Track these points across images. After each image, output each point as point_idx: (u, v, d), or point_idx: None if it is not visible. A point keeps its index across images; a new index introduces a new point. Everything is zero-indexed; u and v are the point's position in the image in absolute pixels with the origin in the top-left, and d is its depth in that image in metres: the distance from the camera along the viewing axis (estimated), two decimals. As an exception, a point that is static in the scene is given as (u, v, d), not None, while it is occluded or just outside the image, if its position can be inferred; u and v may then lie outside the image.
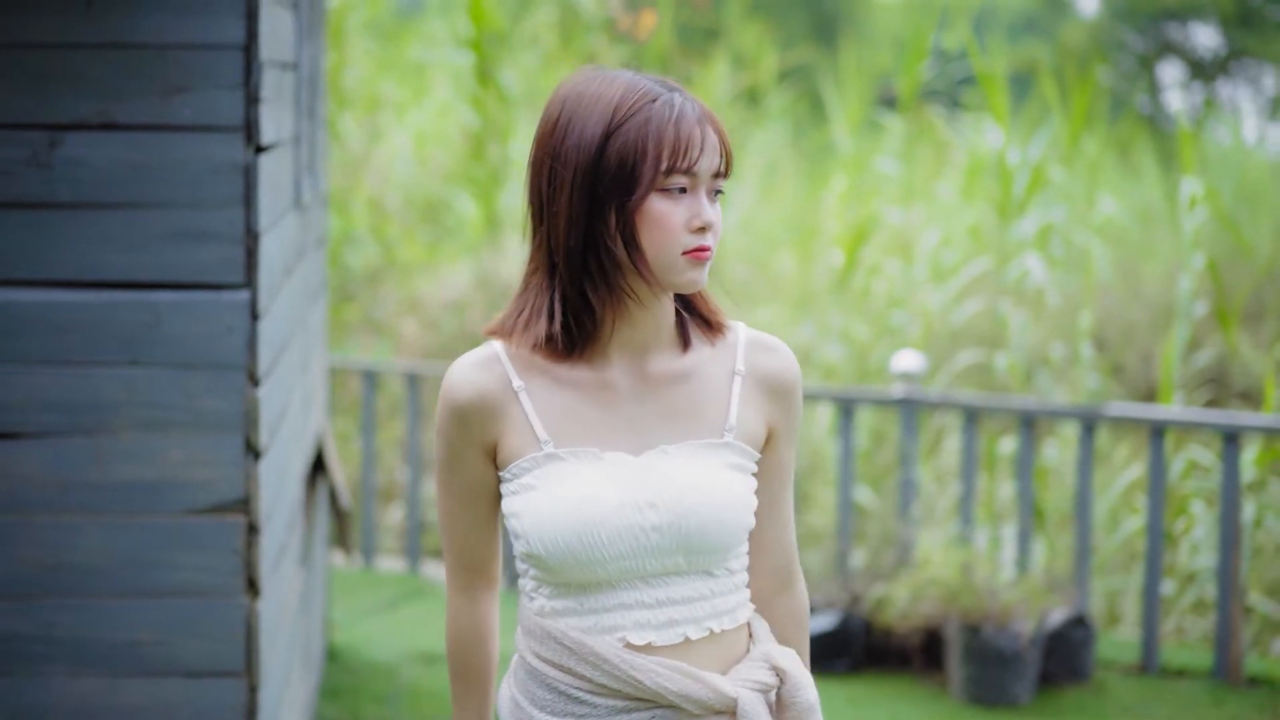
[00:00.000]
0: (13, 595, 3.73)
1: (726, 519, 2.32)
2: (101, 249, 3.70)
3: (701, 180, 2.30)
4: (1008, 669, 6.18)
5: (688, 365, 2.38)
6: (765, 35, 14.11)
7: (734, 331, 2.43)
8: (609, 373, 2.36)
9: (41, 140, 3.66)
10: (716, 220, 2.30)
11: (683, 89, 2.33)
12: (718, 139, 2.30)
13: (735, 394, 2.38)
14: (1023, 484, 6.84)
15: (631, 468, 2.32)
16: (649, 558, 2.31)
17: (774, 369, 2.42)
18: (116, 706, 3.78)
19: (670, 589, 2.33)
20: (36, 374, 3.71)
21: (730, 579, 2.38)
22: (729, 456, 2.35)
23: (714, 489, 2.32)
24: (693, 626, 2.35)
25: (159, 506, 3.76)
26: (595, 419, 2.34)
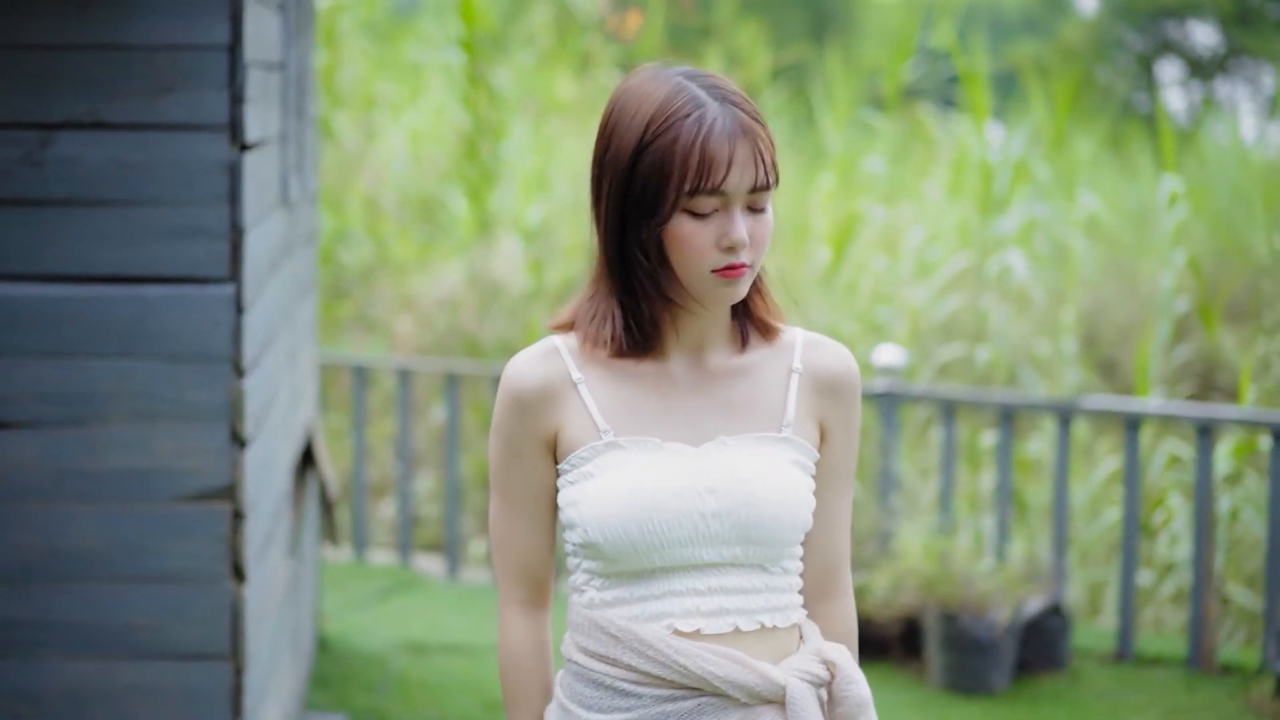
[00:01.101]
0: (8, 580, 3.85)
1: (783, 512, 2.31)
2: (93, 245, 3.82)
3: (734, 198, 2.25)
4: (984, 657, 6.30)
5: (746, 362, 2.38)
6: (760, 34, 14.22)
7: (791, 332, 2.41)
8: (668, 366, 2.37)
9: (35, 139, 3.78)
10: (757, 234, 2.27)
11: (729, 92, 2.26)
12: (753, 153, 2.24)
13: (793, 391, 2.37)
14: (1001, 476, 6.96)
15: (691, 456, 2.32)
16: (707, 546, 2.30)
17: (830, 367, 2.40)
18: (108, 688, 3.90)
19: (724, 578, 2.32)
20: (30, 366, 3.83)
21: (785, 578, 2.37)
22: (788, 452, 2.35)
23: (773, 481, 2.31)
24: (743, 618, 2.33)
25: (149, 494, 3.88)
26: (654, 410, 2.35)
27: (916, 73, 10.51)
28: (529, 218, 9.77)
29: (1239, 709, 6.19)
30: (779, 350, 2.39)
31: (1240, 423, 6.56)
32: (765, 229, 2.28)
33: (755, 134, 2.25)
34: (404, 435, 8.27)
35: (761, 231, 2.27)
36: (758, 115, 2.27)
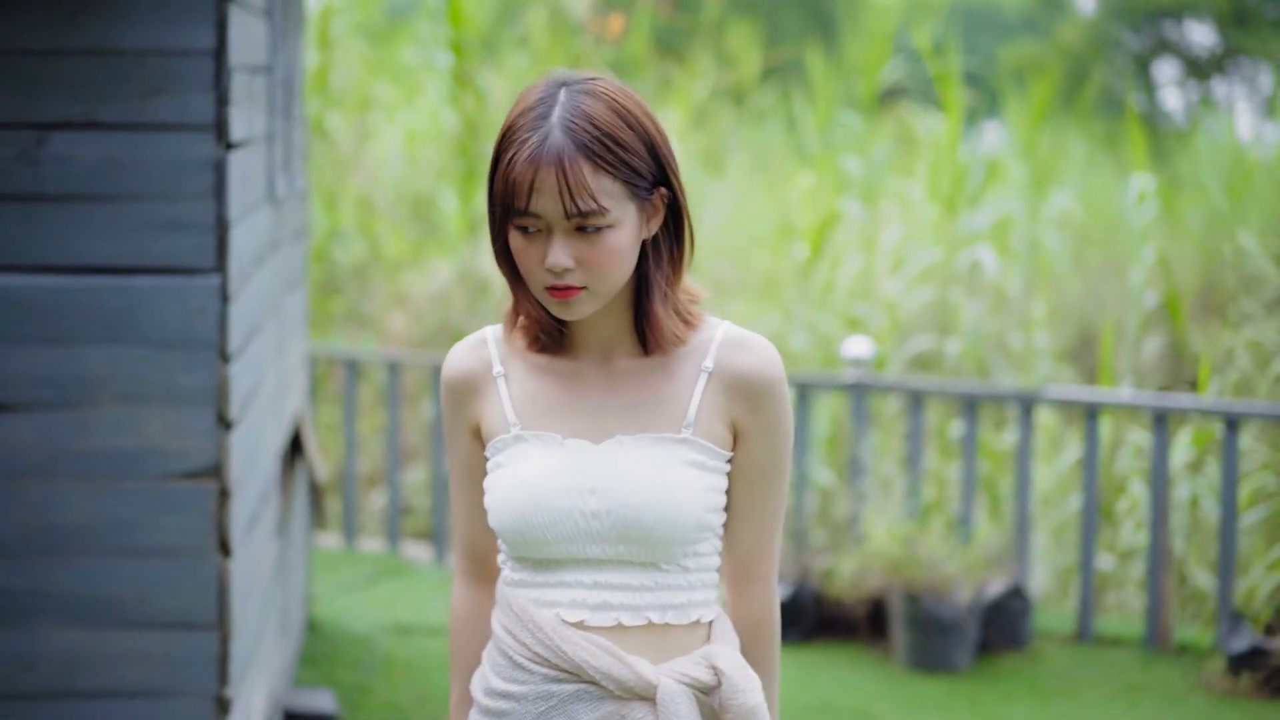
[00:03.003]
0: (4, 554, 4.08)
1: (666, 513, 2.32)
2: (86, 238, 4.05)
3: (553, 222, 2.28)
4: (947, 636, 6.55)
5: (655, 361, 2.39)
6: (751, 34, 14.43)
7: (711, 330, 2.40)
8: (580, 364, 2.41)
9: (30, 138, 4.02)
10: (588, 257, 2.28)
11: (573, 115, 2.27)
12: (559, 182, 2.25)
13: (698, 390, 2.37)
14: (966, 463, 7.21)
15: (586, 454, 2.35)
16: (590, 543, 2.34)
17: (744, 367, 2.37)
18: (100, 656, 4.13)
19: (609, 575, 2.36)
20: (26, 352, 4.06)
21: (684, 576, 2.38)
22: (686, 452, 2.35)
23: (660, 482, 2.32)
24: (628, 613, 2.36)
25: (138, 473, 4.11)
26: (562, 406, 2.40)
27: (900, 73, 10.74)
28: (518, 217, 9.99)
29: (1191, 686, 6.44)
30: (693, 349, 2.39)
31: (1195, 411, 6.80)
32: (600, 252, 2.28)
33: (568, 163, 2.25)
34: (393, 427, 8.51)
35: (594, 255, 2.28)
36: (592, 143, 2.26)
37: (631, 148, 2.29)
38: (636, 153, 2.30)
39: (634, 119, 2.31)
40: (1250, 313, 8.29)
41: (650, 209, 2.35)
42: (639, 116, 2.32)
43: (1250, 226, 9.17)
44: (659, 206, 2.36)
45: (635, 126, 2.31)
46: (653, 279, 2.37)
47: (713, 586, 2.43)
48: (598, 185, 2.26)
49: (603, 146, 2.26)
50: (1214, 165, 10.76)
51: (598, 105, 2.29)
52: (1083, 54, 20.69)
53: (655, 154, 2.33)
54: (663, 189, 2.35)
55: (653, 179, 2.33)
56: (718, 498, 2.38)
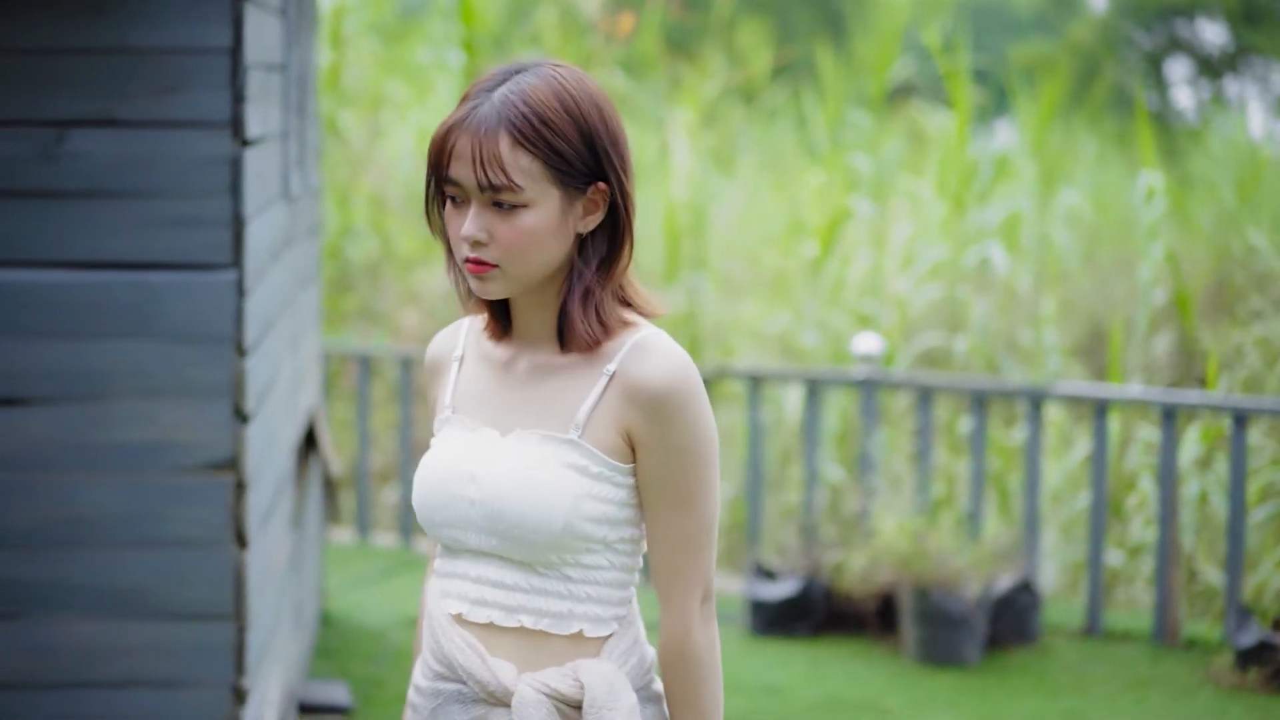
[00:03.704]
0: (25, 545, 4.14)
1: (531, 513, 2.27)
2: (104, 234, 4.11)
3: (470, 192, 2.27)
4: (956, 631, 6.59)
5: (572, 359, 2.33)
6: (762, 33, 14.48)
7: (630, 334, 2.32)
8: (514, 353, 2.38)
9: (49, 136, 4.07)
10: (500, 234, 2.26)
11: (510, 93, 2.25)
12: (475, 151, 2.24)
13: (594, 394, 2.30)
14: (975, 458, 7.25)
15: (484, 444, 2.34)
16: (471, 531, 2.32)
17: (641, 376, 2.28)
18: (118, 646, 4.19)
19: (488, 569, 2.33)
20: (45, 346, 4.12)
21: (564, 584, 2.31)
22: (568, 454, 2.29)
23: (532, 480, 2.28)
24: (500, 613, 2.32)
25: (156, 465, 4.17)
26: (489, 396, 2.38)
27: (909, 70, 10.79)
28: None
29: (1199, 680, 6.48)
30: (607, 352, 2.31)
31: (1204, 408, 6.84)
32: (512, 230, 2.25)
33: (485, 133, 2.23)
34: (406, 423, 8.57)
35: (506, 232, 2.25)
36: (517, 119, 2.23)
37: (561, 132, 2.25)
38: (566, 138, 2.25)
39: (575, 106, 2.27)
40: (1260, 310, 8.33)
41: (585, 203, 2.30)
42: (583, 105, 2.27)
43: (1260, 224, 9.21)
44: (597, 203, 2.31)
45: (573, 112, 2.26)
46: (576, 276, 2.31)
47: (610, 602, 2.34)
48: (513, 161, 2.23)
49: (528, 124, 2.23)
50: (1225, 163, 10.80)
51: (540, 86, 2.26)
52: (1094, 52, 20.69)
53: (593, 146, 2.28)
54: (601, 185, 2.30)
55: (587, 170, 2.28)
56: (604, 508, 2.29)
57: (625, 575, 2.36)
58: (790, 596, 7.04)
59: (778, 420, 9.01)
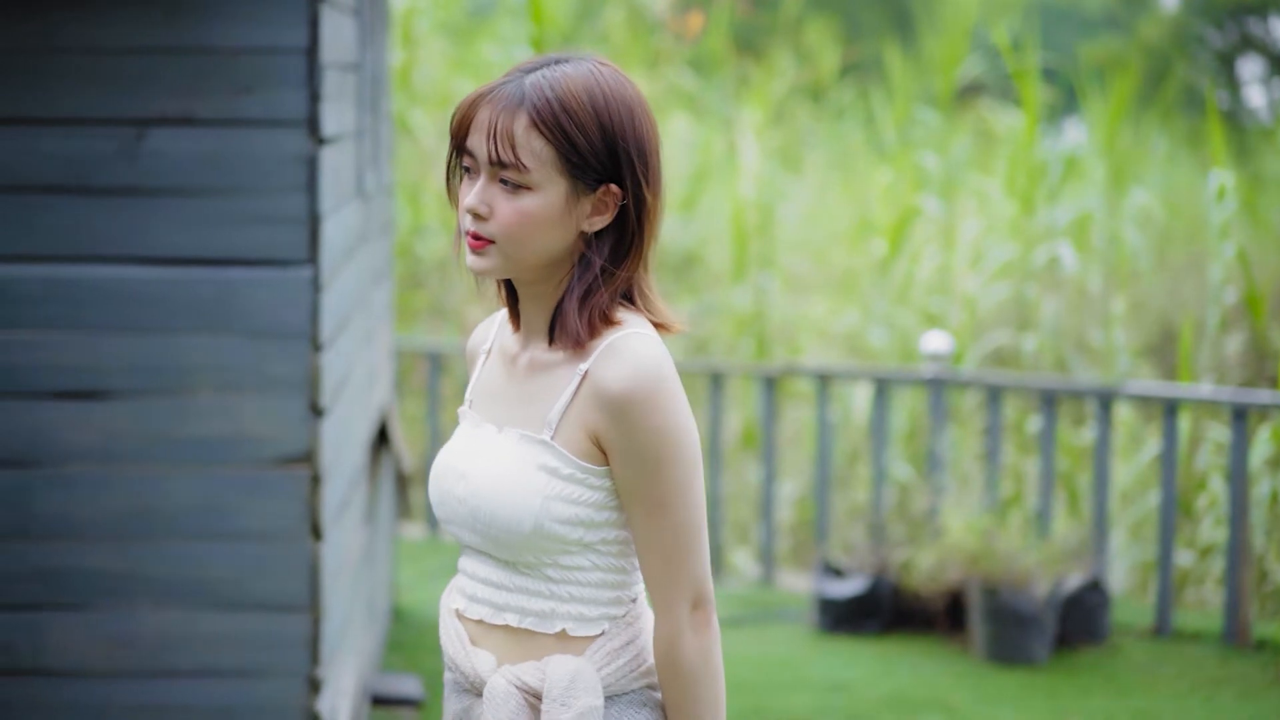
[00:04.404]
0: (104, 536, 4.22)
1: (502, 513, 2.27)
2: (183, 230, 4.18)
3: (481, 164, 2.26)
4: (1025, 629, 6.59)
5: (553, 357, 2.31)
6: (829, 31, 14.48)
7: (614, 331, 2.28)
8: (521, 349, 2.37)
9: (129, 134, 4.15)
10: (501, 212, 2.25)
11: (542, 80, 2.25)
12: (491, 124, 2.24)
13: (567, 393, 2.27)
14: (1044, 457, 7.25)
15: (480, 440, 2.35)
16: (462, 528, 2.34)
17: (605, 379, 2.24)
18: (195, 636, 4.26)
19: (480, 566, 2.35)
20: (125, 341, 4.19)
21: (545, 584, 2.31)
22: (542, 455, 2.27)
23: (498, 480, 2.28)
24: (489, 610, 2.34)
25: (233, 459, 4.23)
26: (496, 391, 2.38)
27: (978, 69, 10.77)
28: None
29: (1269, 681, 6.45)
30: (587, 350, 2.28)
31: (1275, 407, 6.80)
32: (512, 209, 2.24)
33: (505, 109, 2.23)
34: (476, 419, 8.62)
35: (506, 210, 2.24)
36: (540, 102, 2.23)
37: (581, 124, 2.23)
38: (585, 131, 2.23)
39: (603, 103, 2.25)
40: (1331, 309, 8.28)
41: (595, 201, 2.27)
42: (612, 104, 2.25)
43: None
44: (607, 204, 2.28)
45: (599, 108, 2.24)
46: (578, 274, 2.29)
47: (598, 603, 2.32)
48: (526, 141, 2.22)
49: (549, 108, 2.22)
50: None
51: (575, 76, 2.25)
52: (1165, 50, 20.56)
53: (612, 146, 2.25)
54: (614, 187, 2.27)
55: (600, 169, 2.25)
56: (575, 510, 2.27)
57: (616, 576, 2.33)
58: (858, 594, 7.06)
59: (846, 419, 9.03)
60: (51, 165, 4.13)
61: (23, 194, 4.14)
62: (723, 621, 7.43)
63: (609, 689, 2.31)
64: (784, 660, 6.82)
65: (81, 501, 4.20)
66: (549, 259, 2.28)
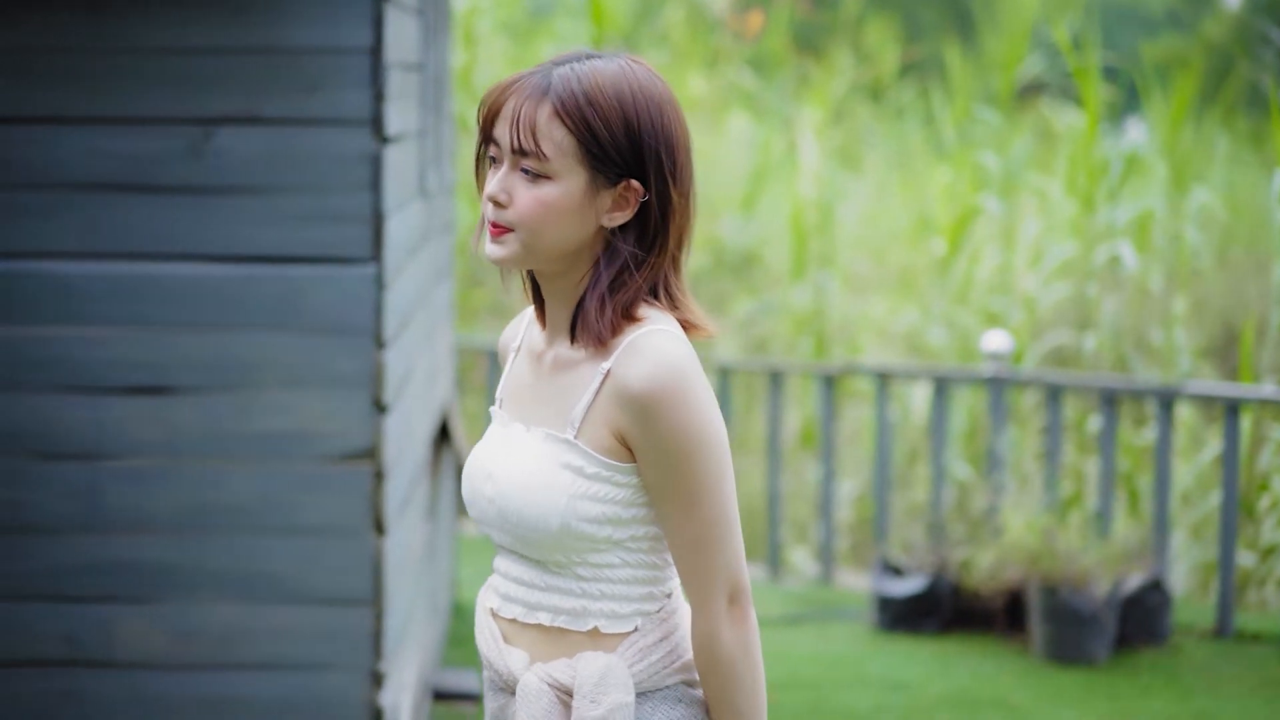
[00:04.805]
0: (170, 530, 4.27)
1: (529, 512, 2.27)
2: (248, 228, 4.23)
3: (505, 153, 2.26)
4: (1084, 629, 6.58)
5: (581, 355, 2.30)
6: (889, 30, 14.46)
7: (636, 329, 2.27)
8: (546, 348, 2.37)
9: (197, 133, 4.20)
10: (521, 200, 2.24)
11: (572, 72, 2.25)
12: (516, 112, 2.24)
13: (589, 392, 2.27)
14: (1105, 456, 7.22)
15: (506, 440, 2.35)
16: (493, 528, 2.34)
17: (627, 377, 2.23)
18: (259, 629, 4.31)
19: (513, 565, 2.35)
20: (190, 337, 4.24)
21: (576, 582, 2.30)
22: (565, 454, 2.27)
23: (523, 479, 2.28)
24: (522, 609, 2.33)
25: (297, 454, 4.28)
26: (523, 389, 2.38)
27: (1038, 68, 10.74)
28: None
29: (1332, 682, 6.43)
30: (609, 348, 2.27)
31: (1339, 407, 6.77)
32: (531, 199, 2.24)
33: (529, 98, 2.24)
34: (535, 417, 8.66)
35: (525, 199, 2.24)
36: (566, 94, 2.23)
37: (604, 115, 2.23)
38: (607, 123, 2.23)
39: (630, 97, 2.25)
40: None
41: (616, 196, 2.27)
42: (639, 100, 2.25)
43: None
44: (629, 199, 2.27)
45: (625, 102, 2.24)
46: (600, 272, 2.28)
47: (630, 599, 2.31)
48: (547, 130, 2.22)
49: (573, 99, 2.22)
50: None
51: (604, 70, 2.26)
52: (1227, 49, 20.42)
53: (636, 141, 2.25)
54: (635, 183, 2.26)
55: (622, 163, 2.24)
56: (602, 508, 2.26)
57: (648, 572, 2.33)
58: (917, 593, 7.06)
59: (905, 418, 9.02)
60: (120, 164, 4.19)
61: (91, 193, 4.20)
62: (781, 619, 7.45)
63: (641, 685, 2.31)
64: (843, 658, 6.83)
65: (148, 496, 4.25)
66: (567, 250, 2.28)
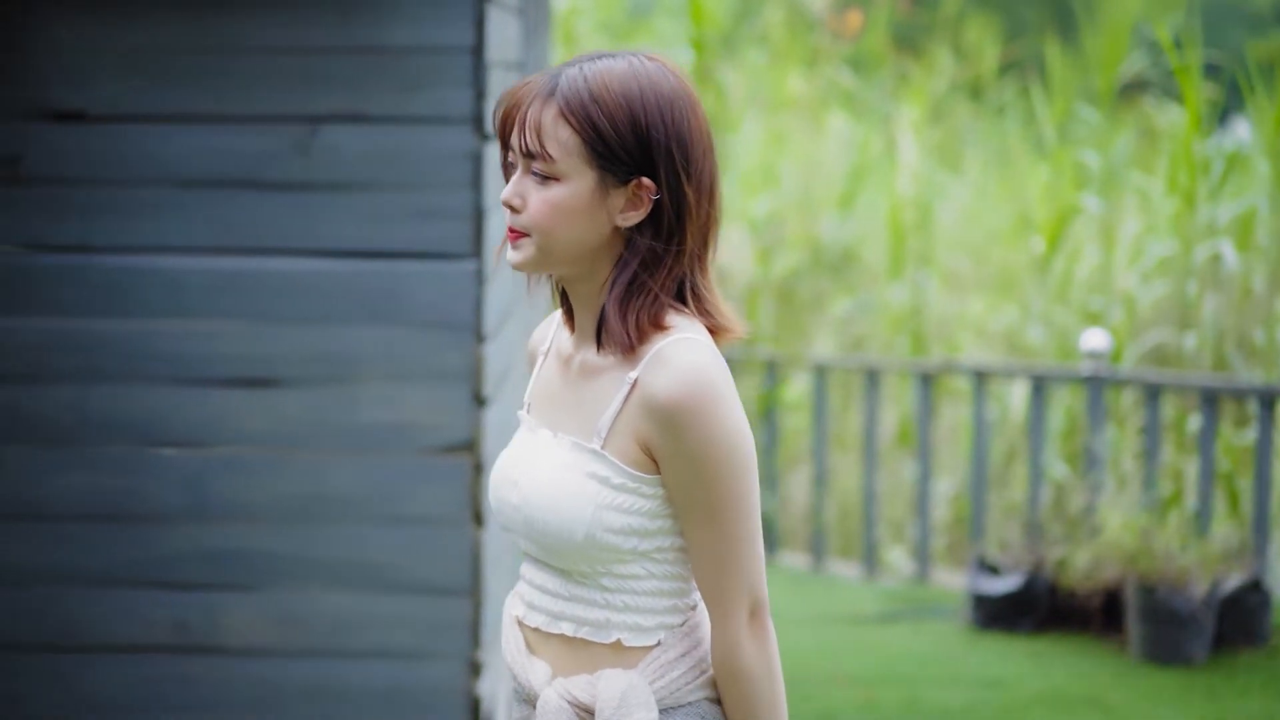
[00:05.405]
0: (275, 520, 4.36)
1: (553, 521, 2.24)
2: (352, 224, 4.31)
3: (519, 157, 2.24)
4: (1182, 629, 6.55)
5: (608, 361, 2.27)
6: (989, 28, 14.41)
7: (664, 337, 2.23)
8: (574, 353, 2.34)
9: (303, 130, 4.29)
10: (534, 204, 2.23)
11: (579, 75, 2.22)
12: (523, 115, 2.23)
13: (616, 401, 2.24)
14: (1204, 456, 7.19)
15: (533, 447, 2.33)
16: (519, 535, 2.32)
17: (653, 387, 2.20)
18: (362, 618, 4.39)
19: (538, 574, 2.32)
20: (297, 330, 4.33)
21: (600, 593, 2.27)
22: (591, 464, 2.24)
23: (550, 488, 2.25)
24: (546, 619, 2.30)
25: (399, 446, 4.36)
26: (552, 394, 2.36)
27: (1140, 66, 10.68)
28: (755, 210, 10.17)
29: None
30: (637, 356, 2.23)
31: None
32: (542, 202, 2.22)
33: (535, 99, 2.22)
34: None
35: (536, 202, 2.22)
36: (571, 93, 2.21)
37: (609, 113, 2.20)
38: (613, 121, 2.20)
39: (638, 94, 2.21)
40: None
41: (628, 195, 2.24)
42: (646, 96, 2.22)
43: None
44: (642, 198, 2.23)
45: (633, 99, 2.21)
46: (617, 274, 2.25)
47: (654, 612, 2.28)
48: (553, 131, 2.21)
49: (578, 98, 2.20)
50: None
51: (614, 68, 2.23)
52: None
53: (644, 138, 2.21)
54: (646, 181, 2.23)
55: (630, 161, 2.21)
56: (628, 519, 2.24)
57: (674, 584, 2.30)
58: (1013, 592, 7.06)
59: (1003, 416, 9.00)
60: (227, 161, 4.29)
61: (201, 189, 4.30)
62: (876, 617, 7.47)
63: (664, 701, 2.29)
64: (938, 656, 6.84)
65: (253, 486, 4.35)
66: (583, 253, 2.25)
